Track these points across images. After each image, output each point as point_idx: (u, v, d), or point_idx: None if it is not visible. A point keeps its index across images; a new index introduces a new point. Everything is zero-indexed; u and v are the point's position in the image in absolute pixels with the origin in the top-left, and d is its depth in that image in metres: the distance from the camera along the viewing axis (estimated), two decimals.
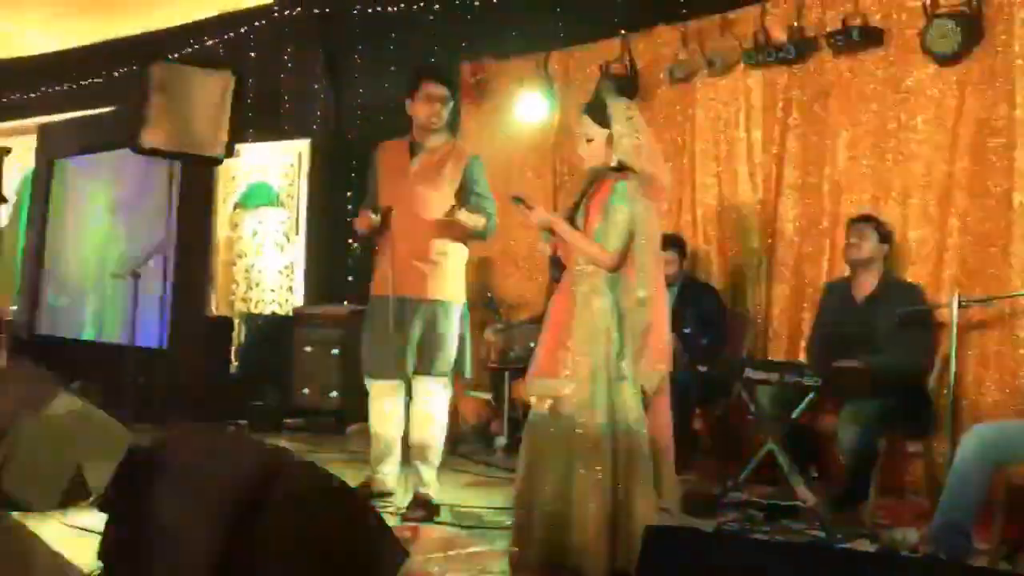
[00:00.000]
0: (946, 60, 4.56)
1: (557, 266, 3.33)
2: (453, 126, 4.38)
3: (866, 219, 4.48)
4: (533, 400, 3.19)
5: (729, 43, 5.39)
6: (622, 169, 3.15)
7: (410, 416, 4.18)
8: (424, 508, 4.04)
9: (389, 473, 4.28)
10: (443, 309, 4.09)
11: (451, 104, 4.17)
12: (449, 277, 4.12)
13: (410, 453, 4.20)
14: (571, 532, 2.99)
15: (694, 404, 4.97)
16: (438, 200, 4.07)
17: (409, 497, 4.13)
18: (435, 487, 4.14)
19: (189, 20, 8.67)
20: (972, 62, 4.52)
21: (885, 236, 4.44)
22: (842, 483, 4.11)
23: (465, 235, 4.14)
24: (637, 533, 2.74)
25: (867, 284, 4.41)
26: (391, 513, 3.99)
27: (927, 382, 4.28)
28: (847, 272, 4.60)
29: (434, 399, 4.11)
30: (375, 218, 4.08)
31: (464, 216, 4.02)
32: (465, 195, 4.10)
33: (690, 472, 4.84)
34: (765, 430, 4.20)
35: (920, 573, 2.00)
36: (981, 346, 4.45)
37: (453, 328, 4.12)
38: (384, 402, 4.21)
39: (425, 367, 4.08)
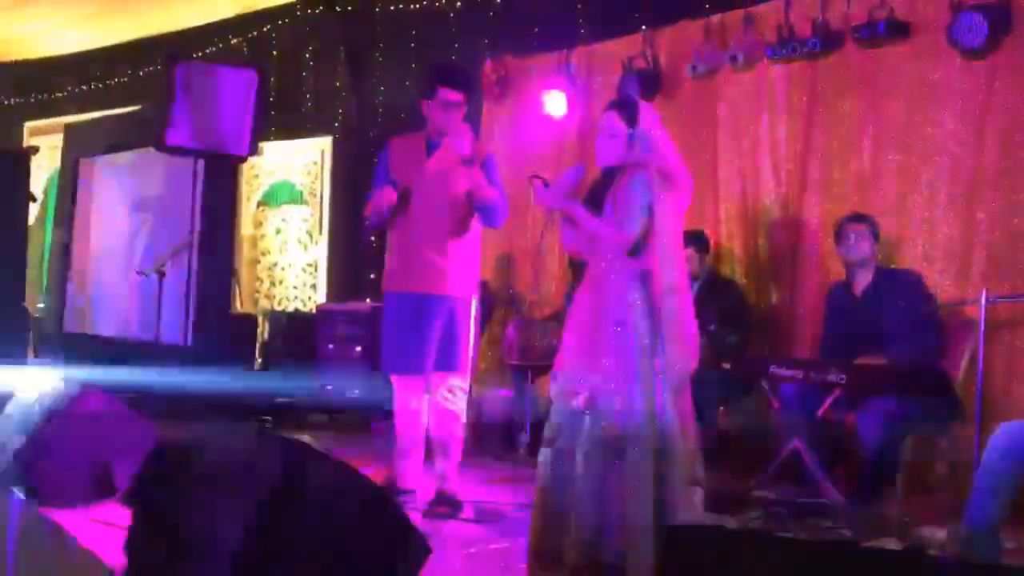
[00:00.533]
0: (974, 53, 4.51)
1: (576, 266, 3.32)
2: (472, 124, 4.36)
3: (860, 218, 4.46)
4: (561, 397, 3.16)
5: (753, 37, 5.35)
6: (640, 165, 3.14)
7: (430, 413, 4.19)
8: (448, 504, 4.05)
9: (413, 470, 4.29)
10: (461, 305, 4.09)
11: (466, 108, 4.15)
12: (465, 273, 4.12)
13: (431, 449, 4.20)
14: (611, 531, 2.96)
15: (718, 401, 4.95)
16: (454, 197, 4.07)
17: (433, 494, 4.14)
18: (457, 483, 4.14)
19: (213, 19, 8.73)
20: (1000, 55, 4.47)
21: (877, 235, 4.43)
22: (868, 480, 4.08)
23: (470, 223, 4.11)
24: None
25: (864, 280, 4.40)
26: (415, 510, 3.99)
27: (949, 371, 4.22)
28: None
29: (454, 395, 4.11)
30: (395, 194, 4.05)
31: (481, 178, 3.98)
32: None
33: (714, 470, 4.82)
34: (790, 427, 4.17)
35: (948, 572, 1.97)
36: (1010, 343, 4.40)
37: (471, 324, 4.13)
38: (408, 398, 4.21)
39: (444, 363, 4.08)
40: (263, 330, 7.57)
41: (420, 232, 4.08)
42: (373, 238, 7.70)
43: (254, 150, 6.41)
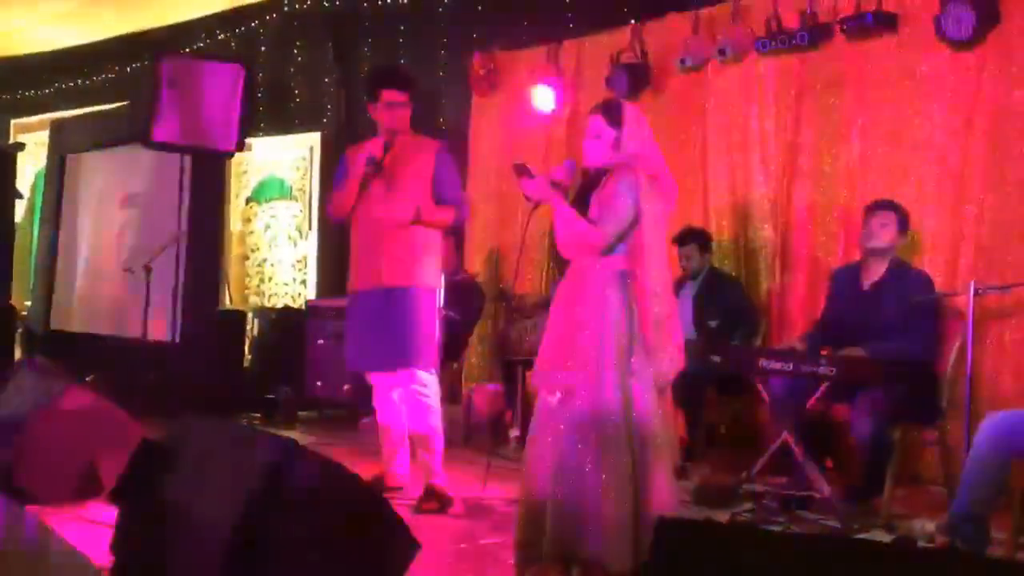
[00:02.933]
0: (961, 45, 4.51)
1: (559, 261, 3.32)
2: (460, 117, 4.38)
3: (887, 205, 4.27)
4: (541, 392, 3.17)
5: (741, 30, 5.34)
6: (628, 167, 3.12)
7: (405, 409, 4.19)
8: (437, 500, 4.03)
9: (401, 466, 4.28)
10: (420, 296, 4.08)
11: (411, 106, 4.15)
12: (424, 264, 4.11)
13: (412, 445, 4.20)
14: (588, 524, 2.96)
15: (708, 394, 4.95)
16: (407, 193, 4.08)
17: (420, 490, 4.12)
18: (443, 477, 4.12)
19: (200, 15, 8.68)
20: (988, 47, 4.47)
21: (905, 224, 4.26)
22: (857, 473, 4.08)
23: (437, 226, 4.17)
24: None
25: (876, 271, 4.27)
26: (404, 505, 3.98)
27: (942, 370, 4.21)
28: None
29: (425, 388, 4.09)
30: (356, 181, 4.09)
31: (427, 217, 4.06)
32: (434, 186, 4.11)
33: (704, 463, 4.83)
34: (780, 420, 4.17)
35: (937, 563, 1.97)
36: (998, 334, 4.41)
37: (433, 315, 4.13)
38: (386, 394, 4.22)
39: (409, 358, 4.04)
40: (252, 327, 7.54)
41: (376, 229, 4.09)
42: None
43: (242, 146, 6.38)
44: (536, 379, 3.21)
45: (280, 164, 8.27)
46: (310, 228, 8.07)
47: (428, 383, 4.10)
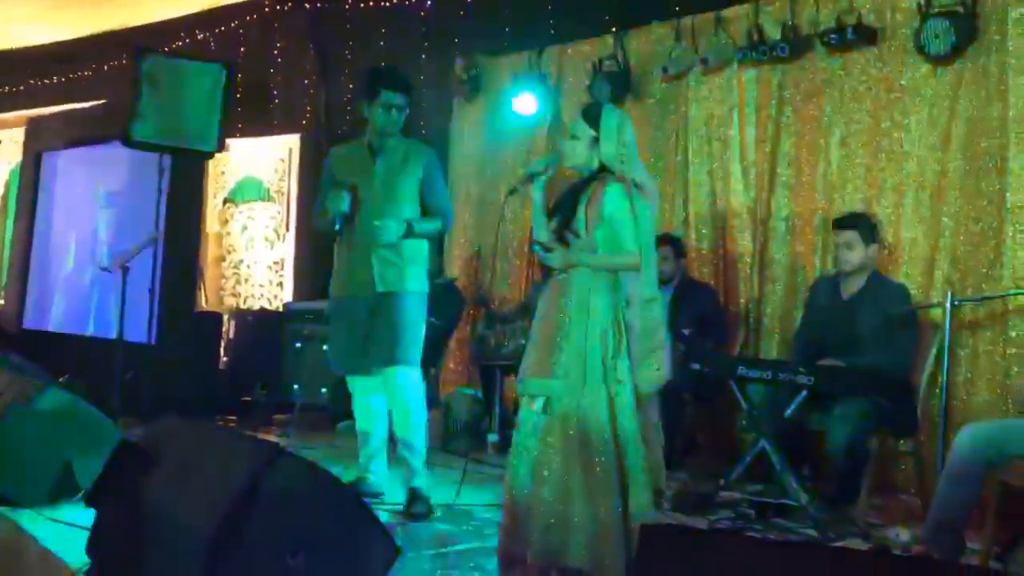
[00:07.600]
0: (940, 59, 4.57)
1: (543, 266, 3.31)
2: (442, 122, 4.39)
3: (850, 224, 4.31)
4: (524, 399, 3.16)
5: (723, 41, 5.39)
6: (609, 172, 3.12)
7: (391, 410, 4.19)
8: (422, 502, 4.02)
9: (378, 473, 4.28)
10: (413, 299, 4.11)
11: (407, 110, 4.15)
12: (417, 268, 4.14)
13: (398, 448, 4.20)
14: (575, 535, 2.95)
15: (687, 402, 4.97)
16: (402, 198, 4.10)
17: (405, 493, 4.10)
18: (426, 479, 4.12)
19: (180, 14, 8.63)
20: (965, 62, 4.53)
21: (873, 236, 4.32)
22: (834, 481, 4.11)
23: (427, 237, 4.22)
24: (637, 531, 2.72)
25: (856, 282, 4.34)
26: (385, 510, 3.97)
27: (915, 381, 4.25)
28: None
29: (411, 388, 4.09)
30: (350, 199, 4.08)
31: (417, 230, 4.09)
32: (424, 192, 4.14)
33: (683, 470, 4.84)
34: (758, 428, 4.19)
35: (912, 572, 1.99)
36: (973, 345, 4.46)
37: (423, 318, 4.14)
38: (367, 398, 4.23)
39: (399, 357, 4.05)
40: (228, 328, 7.49)
41: (370, 234, 4.07)
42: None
43: (221, 146, 6.34)
44: (519, 386, 3.20)
45: (258, 165, 8.22)
46: (287, 230, 8.04)
47: (415, 383, 4.10)
